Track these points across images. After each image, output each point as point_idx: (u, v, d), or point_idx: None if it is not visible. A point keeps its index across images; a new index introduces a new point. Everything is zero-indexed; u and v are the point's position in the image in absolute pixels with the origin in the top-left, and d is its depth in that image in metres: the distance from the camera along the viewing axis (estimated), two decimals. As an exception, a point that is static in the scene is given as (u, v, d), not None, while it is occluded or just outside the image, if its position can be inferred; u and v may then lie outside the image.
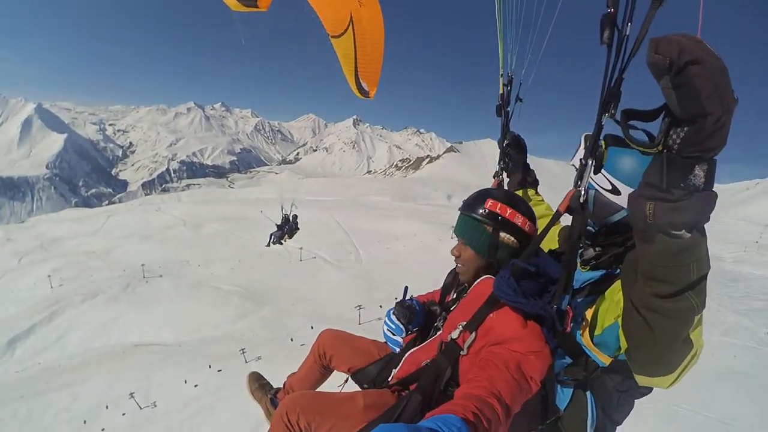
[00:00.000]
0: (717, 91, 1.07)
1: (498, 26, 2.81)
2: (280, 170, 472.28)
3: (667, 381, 1.66)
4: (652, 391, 2.13)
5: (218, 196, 75.61)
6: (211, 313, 18.34)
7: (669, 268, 1.35)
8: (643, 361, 1.64)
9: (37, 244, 38.50)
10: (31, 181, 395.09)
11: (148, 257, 28.19)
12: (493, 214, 2.12)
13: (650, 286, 1.43)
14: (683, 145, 1.17)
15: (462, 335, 2.00)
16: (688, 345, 1.54)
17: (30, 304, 21.49)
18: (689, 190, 1.20)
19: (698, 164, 1.18)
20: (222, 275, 24.61)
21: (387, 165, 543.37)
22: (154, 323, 18.11)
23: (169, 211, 48.34)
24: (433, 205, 53.97)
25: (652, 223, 1.27)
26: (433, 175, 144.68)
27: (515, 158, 3.25)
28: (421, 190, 70.19)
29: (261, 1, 2.98)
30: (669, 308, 1.41)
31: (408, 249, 27.58)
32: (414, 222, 34.13)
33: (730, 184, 67.85)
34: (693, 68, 1.06)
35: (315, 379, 3.15)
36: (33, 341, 18.30)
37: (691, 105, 1.10)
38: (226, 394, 10.79)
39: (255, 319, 17.52)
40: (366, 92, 4.55)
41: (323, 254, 27.42)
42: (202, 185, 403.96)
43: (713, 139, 1.14)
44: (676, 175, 1.20)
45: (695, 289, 1.38)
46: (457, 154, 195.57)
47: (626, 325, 1.65)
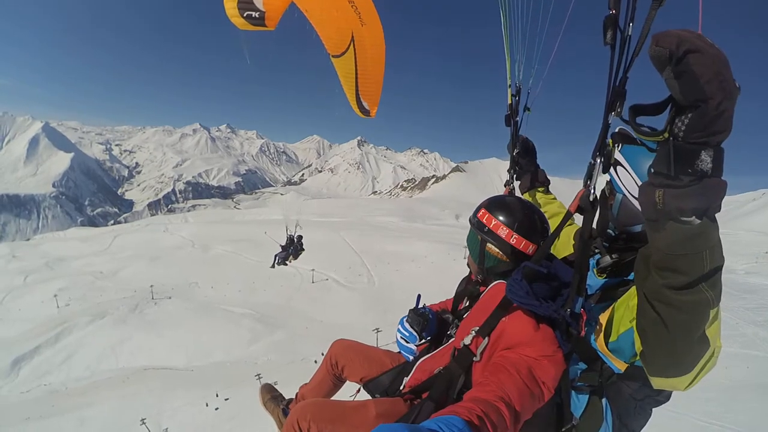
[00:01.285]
0: (717, 77, 1.09)
1: (504, 37, 2.85)
2: (285, 191, 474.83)
3: (683, 382, 1.59)
4: (669, 399, 2.10)
5: (225, 217, 75.83)
6: (223, 336, 17.92)
7: (681, 257, 1.32)
8: (659, 360, 1.59)
9: (43, 262, 38.01)
10: (37, 199, 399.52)
11: (157, 278, 27.70)
12: (480, 223, 2.16)
13: (663, 277, 1.39)
14: (688, 131, 1.17)
15: (475, 341, 1.95)
16: (704, 343, 1.48)
17: (35, 323, 21.22)
18: (697, 176, 1.19)
19: (704, 150, 1.18)
20: (232, 297, 24.22)
21: (392, 185, 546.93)
22: (164, 346, 17.68)
23: (177, 231, 47.75)
24: (442, 225, 53.94)
25: (662, 209, 1.26)
26: (439, 195, 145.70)
27: (526, 168, 3.26)
28: (428, 210, 70.24)
29: (269, 20, 2.92)
30: (683, 301, 1.37)
31: (421, 270, 27.15)
32: (424, 243, 33.69)
33: (736, 195, 68.20)
34: (692, 56, 1.09)
35: (327, 389, 3.08)
36: (38, 362, 18.00)
37: (693, 91, 1.12)
38: (242, 421, 10.33)
39: (268, 343, 17.10)
40: (367, 111, 4.43)
41: (335, 276, 26.96)
42: (207, 206, 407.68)
43: (716, 124, 1.14)
44: (683, 162, 1.20)
45: (709, 281, 1.35)
46: (463, 173, 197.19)
47: (640, 322, 1.60)
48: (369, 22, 3.96)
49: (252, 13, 2.83)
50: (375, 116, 4.48)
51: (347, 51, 4.03)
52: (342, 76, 4.26)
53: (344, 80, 4.27)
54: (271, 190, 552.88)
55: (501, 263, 2.14)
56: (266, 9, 2.86)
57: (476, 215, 2.20)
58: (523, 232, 2.08)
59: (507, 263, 2.13)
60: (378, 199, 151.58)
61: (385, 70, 4.33)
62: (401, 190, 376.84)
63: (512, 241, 2.07)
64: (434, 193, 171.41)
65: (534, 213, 2.18)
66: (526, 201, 2.35)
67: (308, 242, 21.73)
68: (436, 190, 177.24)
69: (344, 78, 4.26)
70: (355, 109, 4.39)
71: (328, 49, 4.06)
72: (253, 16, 2.84)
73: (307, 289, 24.76)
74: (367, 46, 4.07)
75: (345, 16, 3.85)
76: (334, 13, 3.85)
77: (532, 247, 2.09)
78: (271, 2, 2.87)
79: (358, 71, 4.18)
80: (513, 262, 2.10)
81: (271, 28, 2.94)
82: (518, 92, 3.09)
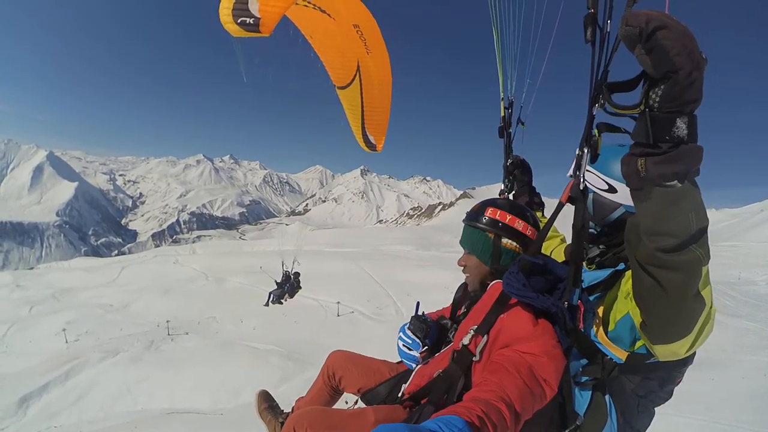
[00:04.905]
0: (685, 50, 1.18)
1: (497, 53, 2.95)
2: (290, 221, 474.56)
3: (684, 346, 1.65)
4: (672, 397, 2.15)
5: (233, 248, 75.33)
6: (249, 375, 16.68)
7: (669, 220, 1.39)
8: (659, 323, 1.64)
9: (49, 293, 37.44)
10: (41, 228, 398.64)
11: (171, 312, 26.66)
12: (493, 221, 2.19)
13: (654, 241, 1.44)
14: (662, 101, 1.25)
15: (473, 340, 1.93)
16: (700, 301, 1.56)
17: (43, 358, 20.14)
18: (674, 142, 1.28)
19: (679, 117, 1.26)
20: (254, 332, 23.08)
21: (397, 214, 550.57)
22: (185, 387, 16.43)
23: (188, 263, 47.59)
24: (458, 252, 53.15)
25: (645, 176, 1.34)
26: (449, 222, 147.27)
27: (520, 179, 3.37)
28: (441, 237, 70.36)
29: (263, 26, 2.83)
30: (676, 261, 1.43)
31: (448, 299, 26.08)
32: (446, 271, 32.41)
33: (742, 207, 68.93)
34: (660, 32, 1.18)
35: (324, 401, 3.02)
36: (47, 401, 16.83)
37: (663, 63, 1.20)
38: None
39: (300, 383, 15.79)
40: (373, 145, 4.53)
41: (361, 308, 25.86)
42: (213, 237, 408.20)
43: (688, 93, 1.23)
44: (660, 130, 1.28)
45: (698, 241, 1.42)
46: (471, 199, 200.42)
47: (637, 291, 1.65)
48: (375, 50, 3.99)
49: (246, 19, 2.78)
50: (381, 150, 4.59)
51: (353, 82, 4.11)
52: (348, 108, 4.36)
53: (350, 113, 4.37)
54: (276, 221, 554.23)
55: (517, 256, 2.14)
56: (261, 15, 2.79)
57: (485, 214, 2.23)
58: (534, 225, 2.20)
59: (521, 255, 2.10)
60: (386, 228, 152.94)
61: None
62: (407, 218, 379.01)
63: (528, 232, 2.16)
64: (444, 220, 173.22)
65: (528, 210, 2.27)
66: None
67: (328, 273, 20.96)
68: (446, 218, 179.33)
69: (350, 110, 4.35)
70: (360, 143, 4.48)
71: (334, 80, 4.19)
72: (247, 22, 2.79)
73: (333, 322, 23.69)
74: (373, 76, 4.13)
75: (350, 43, 3.89)
76: (339, 40, 3.89)
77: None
78: (266, 9, 2.81)
79: (364, 103, 4.25)
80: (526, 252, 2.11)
81: (266, 35, 2.88)
82: (510, 105, 3.25)
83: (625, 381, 2.10)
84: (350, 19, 3.78)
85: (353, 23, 3.80)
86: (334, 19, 3.70)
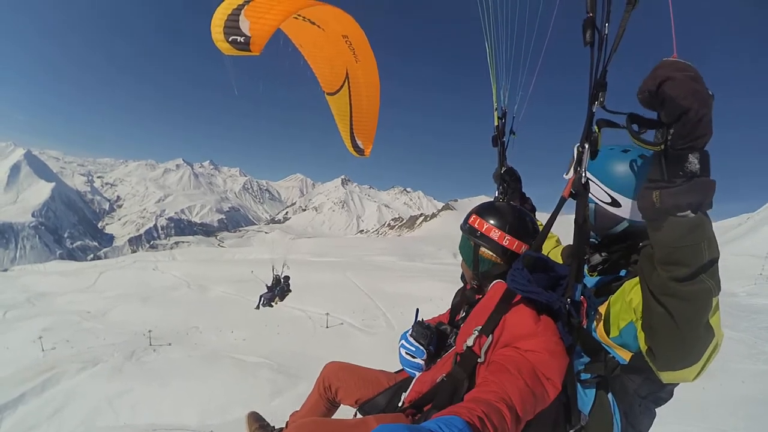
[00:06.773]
0: (692, 93, 1.29)
1: (490, 65, 3.09)
2: (269, 229, 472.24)
3: (692, 372, 1.65)
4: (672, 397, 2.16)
5: (214, 255, 74.45)
6: (238, 389, 16.08)
7: (682, 249, 1.43)
8: (668, 354, 1.64)
9: (24, 297, 36.36)
10: (16, 228, 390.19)
11: (151, 321, 25.83)
12: (472, 228, 2.25)
13: (667, 270, 1.48)
14: (675, 139, 1.36)
15: (478, 341, 1.89)
16: (709, 332, 1.57)
17: (18, 367, 19.17)
18: (687, 176, 1.37)
19: (691, 153, 1.36)
20: (241, 344, 22.41)
21: (378, 224, 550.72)
22: (170, 401, 15.74)
23: (168, 270, 46.67)
24: (441, 263, 53.47)
25: (660, 207, 1.42)
26: (432, 234, 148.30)
27: (513, 186, 3.38)
28: (423, 248, 70.39)
29: (253, 45, 2.88)
30: (687, 291, 1.46)
31: (440, 311, 25.89)
32: (434, 282, 32.07)
33: (721, 221, 70.96)
34: (666, 84, 1.30)
35: (320, 415, 2.97)
36: (23, 413, 15.92)
37: (674, 109, 1.31)
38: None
39: (292, 397, 15.22)
40: (361, 150, 4.60)
41: (350, 320, 25.43)
42: (191, 243, 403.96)
43: (698, 129, 1.32)
44: (674, 166, 1.39)
45: (709, 271, 1.45)
46: (454, 211, 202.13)
47: (647, 320, 1.66)
48: (363, 59, 4.08)
49: (237, 37, 2.83)
50: (369, 155, 4.66)
51: (342, 88, 4.22)
52: (336, 114, 4.46)
53: (339, 118, 4.47)
54: (255, 228, 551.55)
55: (495, 266, 2.20)
56: (251, 34, 2.85)
57: (467, 221, 2.29)
58: (515, 233, 2.16)
59: (501, 265, 2.18)
60: (368, 238, 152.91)
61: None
62: (389, 228, 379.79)
63: (505, 242, 2.15)
64: (426, 231, 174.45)
65: (524, 215, 2.27)
66: (514, 204, 2.43)
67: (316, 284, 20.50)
68: (429, 229, 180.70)
69: (339, 116, 4.45)
70: (349, 148, 4.58)
71: (323, 86, 4.29)
72: (237, 40, 2.83)
73: (322, 334, 23.17)
74: (361, 83, 4.22)
75: (340, 52, 3.99)
76: (328, 49, 3.99)
77: (525, 247, 2.15)
78: (257, 28, 2.86)
79: (352, 109, 4.35)
80: (506, 263, 2.15)
81: (256, 53, 2.91)
82: (504, 115, 3.34)
83: (627, 381, 2.11)
84: (339, 30, 3.87)
85: (342, 34, 3.89)
86: (323, 30, 3.79)
